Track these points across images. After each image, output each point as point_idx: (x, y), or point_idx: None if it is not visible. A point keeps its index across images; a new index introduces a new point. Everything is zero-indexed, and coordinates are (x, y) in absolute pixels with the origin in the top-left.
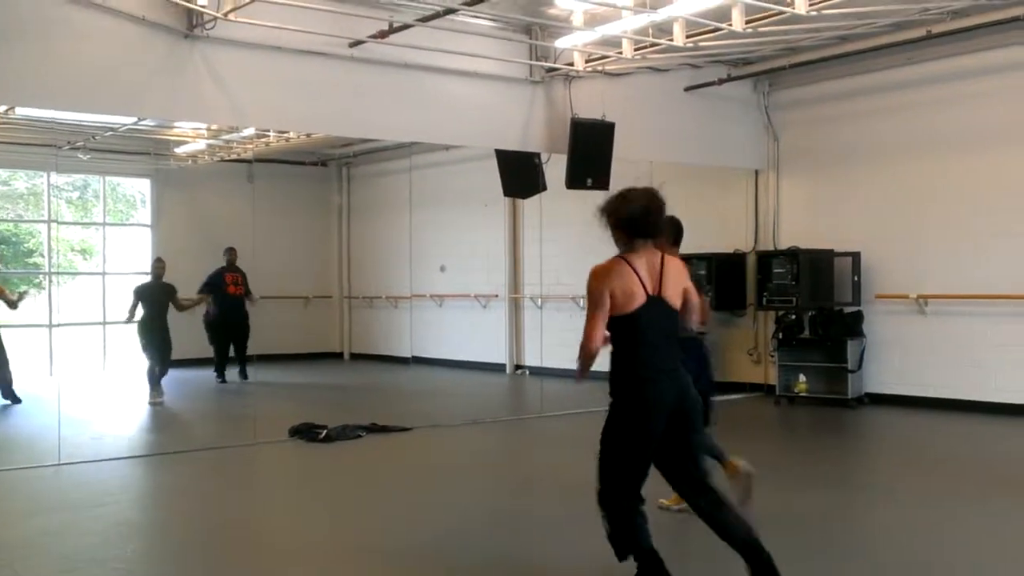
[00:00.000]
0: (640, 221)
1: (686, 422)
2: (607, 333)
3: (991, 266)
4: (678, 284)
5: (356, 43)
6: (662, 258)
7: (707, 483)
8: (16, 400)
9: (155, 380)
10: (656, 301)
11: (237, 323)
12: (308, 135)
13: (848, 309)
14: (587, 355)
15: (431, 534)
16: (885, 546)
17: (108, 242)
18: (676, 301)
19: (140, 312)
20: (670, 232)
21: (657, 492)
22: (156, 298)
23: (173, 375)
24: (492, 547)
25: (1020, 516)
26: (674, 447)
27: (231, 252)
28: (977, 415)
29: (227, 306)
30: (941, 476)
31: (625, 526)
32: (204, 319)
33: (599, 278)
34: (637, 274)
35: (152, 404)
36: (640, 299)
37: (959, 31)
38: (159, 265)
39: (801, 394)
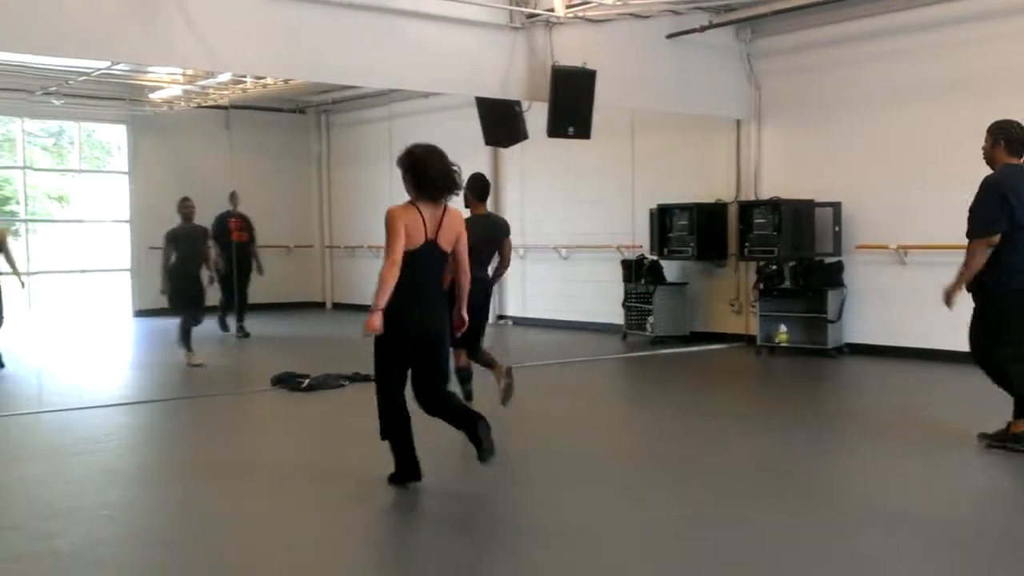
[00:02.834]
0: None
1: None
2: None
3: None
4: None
5: None
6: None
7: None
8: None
9: (189, 337)
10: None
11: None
12: (286, 81)
13: (829, 259)
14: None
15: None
16: (842, 489)
17: (84, 190)
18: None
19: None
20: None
21: None
22: (190, 243)
23: (150, 324)
24: (482, 493)
25: (986, 464)
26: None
27: (234, 197)
28: (954, 365)
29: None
30: (910, 425)
31: (389, 415)
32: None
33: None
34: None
35: (193, 365)
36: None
37: None
38: (187, 205)
39: (781, 344)
